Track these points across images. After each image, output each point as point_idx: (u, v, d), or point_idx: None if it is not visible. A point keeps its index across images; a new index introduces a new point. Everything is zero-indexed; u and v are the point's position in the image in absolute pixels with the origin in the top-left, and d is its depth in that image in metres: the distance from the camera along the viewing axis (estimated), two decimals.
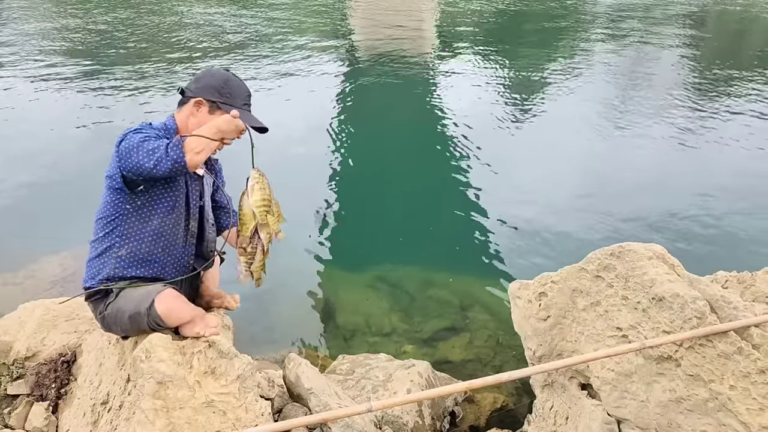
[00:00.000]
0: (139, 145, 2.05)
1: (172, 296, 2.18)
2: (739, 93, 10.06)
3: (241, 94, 2.26)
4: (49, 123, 7.97)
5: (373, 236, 5.86)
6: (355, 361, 3.61)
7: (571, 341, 2.65)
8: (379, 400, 2.98)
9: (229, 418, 2.07)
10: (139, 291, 2.20)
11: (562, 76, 11.06)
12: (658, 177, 7.00)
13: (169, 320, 2.17)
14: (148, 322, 2.16)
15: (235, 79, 2.27)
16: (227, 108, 2.18)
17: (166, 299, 2.15)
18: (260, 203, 2.05)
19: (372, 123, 9.13)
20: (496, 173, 7.11)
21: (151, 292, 2.16)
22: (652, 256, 2.45)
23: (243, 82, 2.30)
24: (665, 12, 17.60)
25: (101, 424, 2.31)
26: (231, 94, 2.23)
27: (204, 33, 13.33)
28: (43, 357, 2.79)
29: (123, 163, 2.08)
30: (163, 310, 2.13)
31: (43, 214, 5.69)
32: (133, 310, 2.17)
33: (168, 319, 2.16)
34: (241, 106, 2.22)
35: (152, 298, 2.14)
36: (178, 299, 2.20)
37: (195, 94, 2.23)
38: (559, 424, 2.72)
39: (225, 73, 2.29)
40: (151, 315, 2.14)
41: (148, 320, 2.15)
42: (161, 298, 2.14)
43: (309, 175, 6.86)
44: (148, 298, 2.15)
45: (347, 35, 14.33)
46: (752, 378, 2.07)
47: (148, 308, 2.13)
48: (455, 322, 4.54)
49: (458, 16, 16.88)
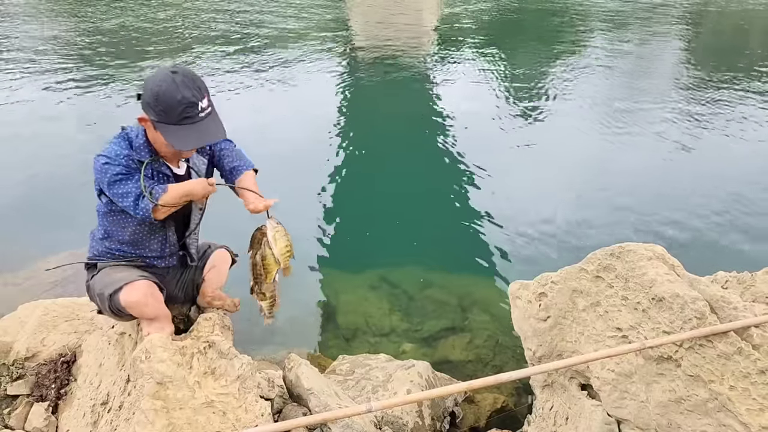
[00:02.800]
0: (110, 184, 2.08)
1: (143, 290, 2.20)
2: (740, 93, 10.06)
3: (174, 109, 1.94)
4: (49, 123, 7.97)
5: (372, 236, 5.86)
6: (355, 362, 3.61)
7: (571, 341, 2.65)
8: (379, 400, 2.98)
9: (229, 418, 2.07)
10: (118, 275, 2.24)
11: (562, 77, 11.06)
12: (658, 177, 7.00)
13: (131, 311, 2.24)
14: (109, 305, 2.23)
15: (168, 91, 1.93)
16: (162, 128, 1.98)
17: (133, 291, 2.19)
18: (285, 251, 2.13)
19: (371, 123, 9.13)
20: (495, 173, 7.10)
21: (123, 279, 2.20)
22: (652, 257, 2.45)
23: (181, 88, 1.94)
24: (665, 11, 17.62)
25: (101, 424, 2.31)
26: (164, 110, 1.95)
27: (204, 32, 13.33)
28: (43, 357, 2.79)
29: (97, 186, 2.15)
30: (127, 300, 2.18)
31: (43, 214, 5.70)
32: (100, 291, 2.25)
33: (130, 309, 2.22)
34: (177, 122, 1.97)
35: (120, 285, 2.18)
36: (147, 295, 2.22)
37: (142, 108, 2.04)
38: (559, 425, 2.72)
39: (159, 82, 1.95)
40: (113, 300, 2.20)
41: (110, 304, 2.22)
42: (129, 289, 2.18)
43: (309, 175, 6.86)
44: (118, 284, 2.20)
45: (347, 35, 14.33)
46: (752, 378, 2.07)
47: (111, 294, 2.19)
48: (455, 323, 4.54)
49: (458, 17, 16.88)
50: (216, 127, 2.06)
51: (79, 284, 2.44)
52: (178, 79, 1.95)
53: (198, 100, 1.98)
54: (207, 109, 2.03)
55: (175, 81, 1.94)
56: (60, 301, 3.15)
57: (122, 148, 2.12)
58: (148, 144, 2.15)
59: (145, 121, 2.06)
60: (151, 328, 2.30)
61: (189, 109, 1.97)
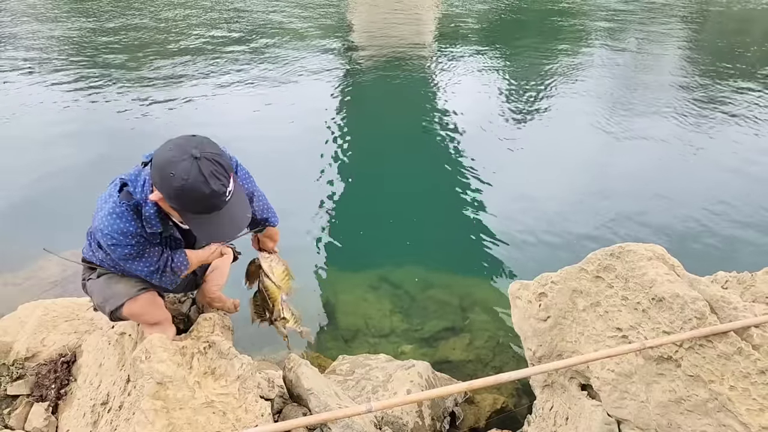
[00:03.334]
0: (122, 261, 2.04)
1: (143, 303, 2.24)
2: (741, 93, 10.06)
3: (201, 202, 1.78)
4: (50, 123, 7.97)
5: (373, 236, 5.86)
6: (355, 362, 3.61)
7: (571, 342, 2.65)
8: (379, 400, 2.98)
9: (229, 418, 2.07)
10: (118, 287, 2.23)
11: (563, 77, 11.06)
12: (659, 177, 7.00)
13: (132, 320, 2.38)
14: (110, 316, 2.29)
15: (195, 185, 1.72)
16: (186, 217, 1.85)
17: (134, 305, 2.23)
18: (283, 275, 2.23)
19: (371, 122, 9.12)
20: (495, 173, 7.10)
21: (124, 295, 2.21)
22: (652, 257, 2.45)
23: (209, 180, 1.73)
24: (665, 10, 17.61)
25: (101, 424, 2.31)
26: (190, 203, 1.78)
27: (205, 32, 13.34)
28: (43, 357, 2.79)
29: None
30: (129, 314, 2.26)
31: (44, 214, 5.70)
32: (102, 302, 2.27)
33: (132, 319, 2.34)
34: (195, 215, 1.83)
35: (122, 302, 2.21)
36: (147, 306, 2.25)
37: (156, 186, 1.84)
38: (559, 425, 2.72)
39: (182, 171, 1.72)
40: (115, 314, 2.26)
41: (111, 316, 2.29)
42: (130, 304, 2.22)
43: (309, 175, 6.86)
44: (119, 300, 2.22)
45: (347, 34, 14.34)
46: (752, 378, 2.07)
47: (113, 310, 2.24)
48: (455, 323, 4.54)
49: (458, 16, 16.89)
50: (242, 208, 1.91)
51: (79, 284, 2.43)
52: (206, 169, 1.72)
53: (227, 187, 1.79)
54: (232, 190, 1.84)
55: (202, 172, 1.72)
56: (60, 301, 3.15)
57: (129, 223, 1.93)
58: (159, 211, 1.96)
59: (162, 201, 1.86)
60: (153, 331, 2.31)
61: (217, 200, 1.79)
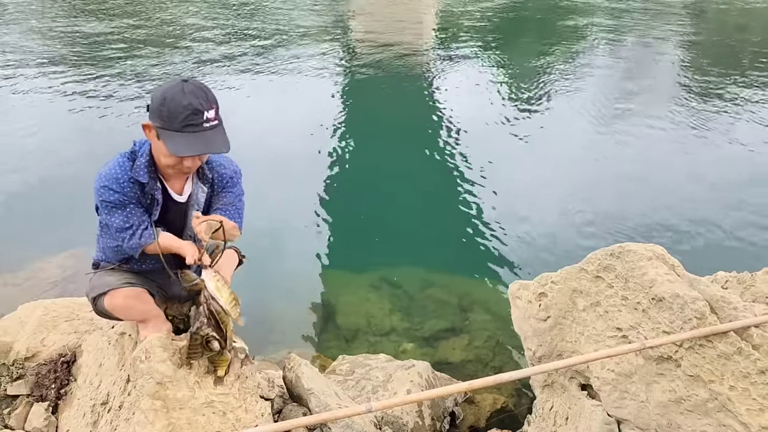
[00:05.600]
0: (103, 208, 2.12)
1: (125, 295, 2.24)
2: (741, 92, 10.06)
3: (178, 114, 1.90)
4: (50, 123, 7.98)
5: (373, 237, 5.86)
6: (355, 362, 3.61)
7: (571, 341, 2.65)
8: (379, 400, 2.98)
9: (229, 418, 2.07)
10: (107, 278, 2.28)
11: (563, 76, 11.06)
12: (659, 177, 7.00)
13: (116, 314, 2.33)
14: (95, 308, 2.32)
15: (175, 96, 1.91)
16: (165, 134, 1.94)
17: (115, 296, 2.24)
18: (230, 299, 2.03)
19: (372, 123, 9.13)
20: (495, 173, 7.11)
21: (108, 285, 2.25)
22: (652, 257, 2.44)
23: (188, 95, 1.91)
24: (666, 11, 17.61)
25: (101, 424, 2.31)
26: (169, 115, 1.91)
27: (206, 31, 13.33)
28: (43, 357, 2.79)
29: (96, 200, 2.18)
30: (110, 305, 2.26)
31: (43, 214, 5.70)
32: (88, 291, 2.32)
33: (114, 313, 2.31)
34: (180, 129, 1.92)
35: (104, 290, 2.24)
36: (131, 299, 2.25)
37: (149, 116, 2.00)
38: (559, 425, 2.72)
39: (168, 88, 1.94)
40: (98, 305, 2.29)
41: (95, 308, 2.32)
42: (112, 295, 2.24)
43: (309, 176, 6.86)
44: (102, 288, 2.25)
45: (347, 35, 14.34)
46: (752, 378, 2.07)
47: (95, 298, 2.27)
48: (455, 323, 4.54)
49: (459, 16, 16.89)
50: (220, 139, 1.97)
51: (78, 284, 2.45)
52: (188, 88, 1.92)
53: (204, 109, 1.93)
54: (213, 121, 1.96)
55: (184, 89, 1.91)
56: (60, 301, 3.15)
57: (123, 169, 2.08)
58: (150, 163, 2.10)
59: (149, 128, 2.01)
60: (147, 331, 2.31)
61: (193, 117, 1.91)
